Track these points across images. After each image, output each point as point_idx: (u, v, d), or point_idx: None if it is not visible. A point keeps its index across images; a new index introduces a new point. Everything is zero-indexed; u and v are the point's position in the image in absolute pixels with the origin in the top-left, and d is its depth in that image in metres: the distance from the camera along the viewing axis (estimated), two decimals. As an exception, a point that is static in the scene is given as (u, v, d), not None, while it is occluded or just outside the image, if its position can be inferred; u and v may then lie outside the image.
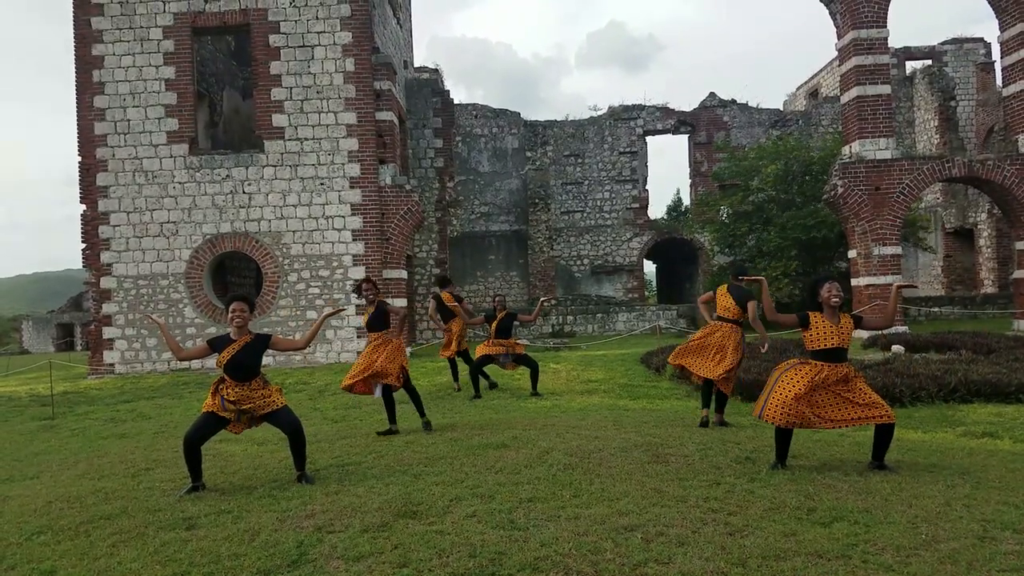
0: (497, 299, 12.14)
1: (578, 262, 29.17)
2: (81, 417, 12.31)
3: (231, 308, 6.26)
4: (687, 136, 30.36)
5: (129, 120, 18.37)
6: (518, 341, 11.97)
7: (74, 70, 18.43)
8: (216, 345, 6.25)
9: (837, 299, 5.91)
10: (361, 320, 17.94)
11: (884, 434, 5.96)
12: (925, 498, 5.12)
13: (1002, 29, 19.44)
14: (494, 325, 11.66)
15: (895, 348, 14.62)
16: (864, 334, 16.93)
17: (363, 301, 9.19)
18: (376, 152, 18.57)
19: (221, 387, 6.16)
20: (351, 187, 18.40)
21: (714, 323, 8.51)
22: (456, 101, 27.67)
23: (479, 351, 11.75)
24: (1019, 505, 4.96)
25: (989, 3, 19.45)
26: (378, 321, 8.67)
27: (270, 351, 6.45)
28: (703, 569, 3.89)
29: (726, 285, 8.67)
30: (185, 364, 17.87)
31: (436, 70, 30.25)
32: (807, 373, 5.88)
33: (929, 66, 30.75)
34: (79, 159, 18.42)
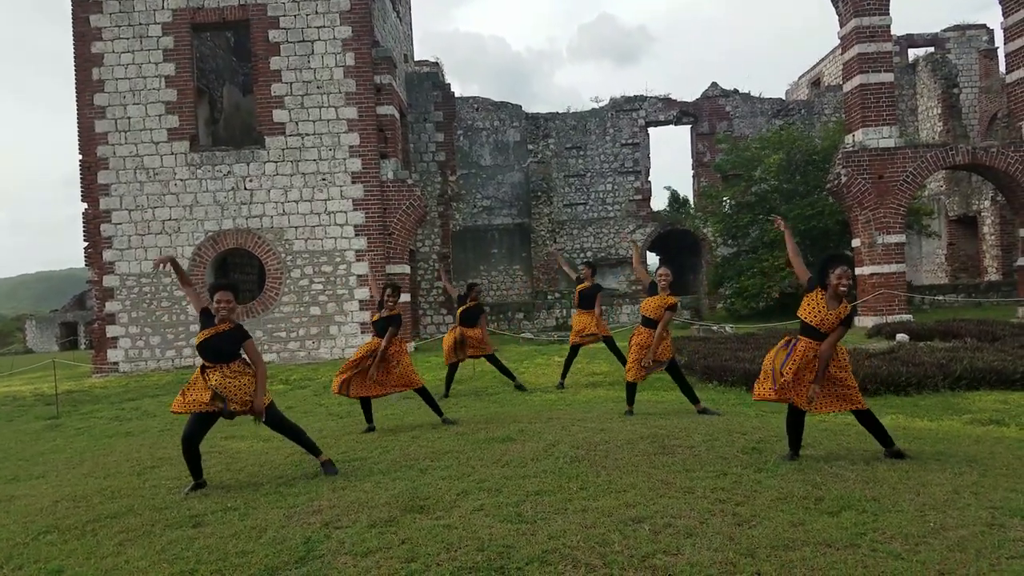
0: (474, 288, 11.90)
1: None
2: (86, 416, 12.32)
3: (216, 298, 6.06)
4: (689, 127, 30.27)
5: (130, 117, 18.35)
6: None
7: (74, 68, 18.41)
8: (203, 319, 6.14)
9: (844, 288, 5.85)
10: (368, 316, 17.99)
11: (867, 421, 5.97)
12: (933, 486, 5.10)
13: (1005, 15, 19.33)
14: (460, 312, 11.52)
15: (900, 337, 14.58)
16: (868, 323, 16.90)
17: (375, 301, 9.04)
18: (377, 147, 18.54)
19: (206, 373, 6.06)
20: (353, 182, 18.38)
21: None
22: (456, 95, 27.62)
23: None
24: (1028, 492, 4.94)
25: (991, -11, 19.35)
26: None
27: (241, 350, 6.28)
28: (712, 560, 3.88)
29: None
30: (189, 361, 17.93)
31: (436, 63, 30.18)
32: (800, 351, 5.86)
33: (932, 53, 30.59)
34: (80, 157, 18.41)
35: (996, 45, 30.60)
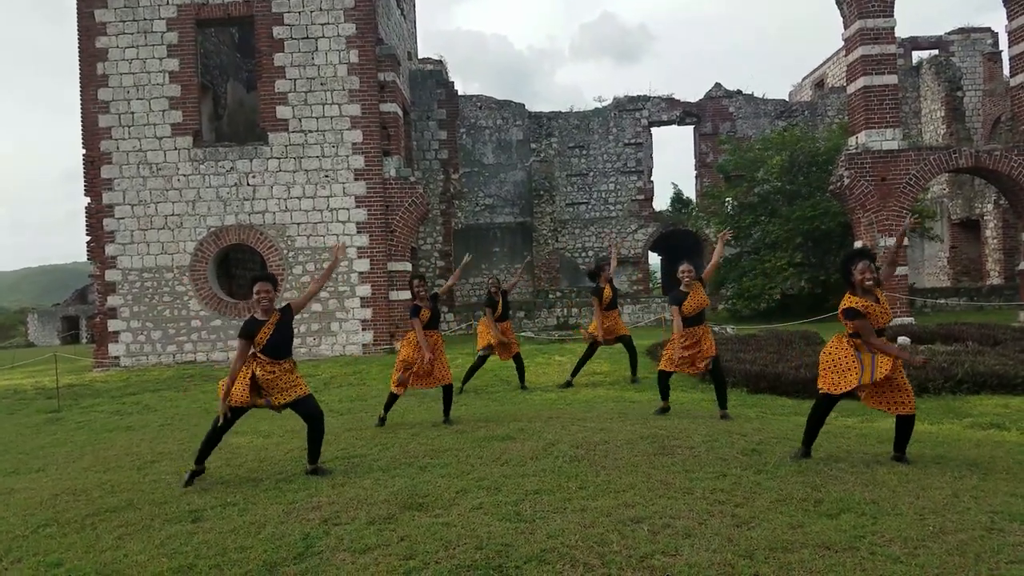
0: (491, 280, 12.11)
1: (583, 254, 29.11)
2: (87, 410, 12.34)
3: (256, 289, 6.12)
4: (692, 127, 30.24)
5: (133, 113, 18.36)
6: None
7: (78, 63, 18.42)
8: (249, 331, 6.09)
9: (871, 282, 5.89)
10: (370, 314, 18.01)
11: (904, 425, 5.93)
12: (932, 489, 5.10)
13: (1010, 18, 19.30)
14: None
15: (901, 339, 14.55)
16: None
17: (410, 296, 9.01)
18: (380, 144, 18.53)
19: (254, 366, 6.05)
20: (355, 179, 18.38)
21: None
22: (459, 93, 27.61)
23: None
24: (1027, 497, 4.93)
25: (996, -8, 19.32)
26: (437, 319, 8.72)
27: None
28: (710, 561, 3.88)
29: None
30: (190, 356, 17.97)
31: (440, 61, 30.15)
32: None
33: (936, 56, 30.53)
34: (83, 152, 18.43)
35: (1000, 48, 30.53)
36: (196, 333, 18.19)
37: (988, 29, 31.99)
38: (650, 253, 30.51)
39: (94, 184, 18.37)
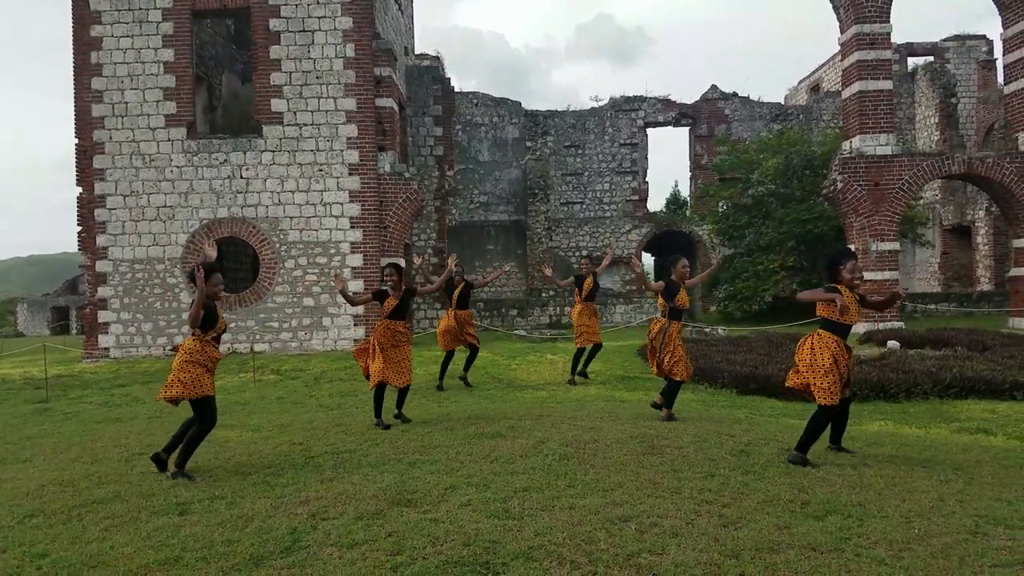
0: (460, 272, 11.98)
1: (576, 253, 29.10)
2: (75, 401, 12.29)
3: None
4: (688, 129, 30.27)
5: (127, 103, 18.28)
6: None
7: (72, 51, 18.33)
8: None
9: (858, 281, 5.98)
10: (362, 310, 17.96)
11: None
12: (918, 493, 5.13)
13: (1005, 26, 19.38)
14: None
15: (891, 344, 14.62)
16: (860, 329, 16.96)
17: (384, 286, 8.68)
18: (375, 139, 18.50)
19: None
20: (350, 174, 18.34)
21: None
22: (456, 90, 27.57)
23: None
24: (1011, 501, 4.98)
25: (993, 0, 19.40)
26: (403, 311, 8.48)
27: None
28: (696, 560, 3.89)
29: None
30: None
31: (437, 57, 30.11)
32: (831, 349, 6.02)
33: (931, 62, 30.66)
34: (76, 141, 18.33)
35: (995, 56, 30.68)
36: (187, 326, 18.11)
37: (983, 37, 32.14)
38: (644, 253, 30.52)
39: (86, 174, 18.28)
